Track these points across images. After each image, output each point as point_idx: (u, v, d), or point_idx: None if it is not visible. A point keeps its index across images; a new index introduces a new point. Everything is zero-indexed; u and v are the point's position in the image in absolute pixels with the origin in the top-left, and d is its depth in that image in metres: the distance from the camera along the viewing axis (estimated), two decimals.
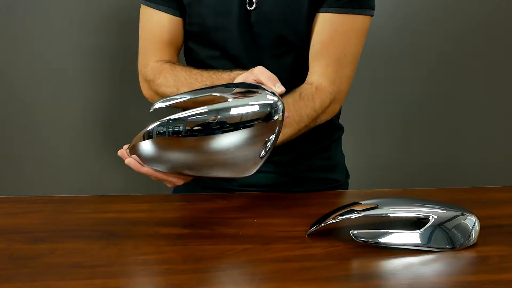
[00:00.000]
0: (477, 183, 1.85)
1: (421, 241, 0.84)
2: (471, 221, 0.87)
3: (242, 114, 0.84)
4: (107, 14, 1.70)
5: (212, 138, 0.84)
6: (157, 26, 1.12)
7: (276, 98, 0.86)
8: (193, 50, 1.15)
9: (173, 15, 1.11)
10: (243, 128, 0.84)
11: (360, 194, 1.16)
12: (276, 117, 0.86)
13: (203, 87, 1.00)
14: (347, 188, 1.26)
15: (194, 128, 0.83)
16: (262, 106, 0.85)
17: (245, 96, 0.86)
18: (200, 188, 1.19)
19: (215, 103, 0.85)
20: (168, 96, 0.92)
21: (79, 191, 1.76)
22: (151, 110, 0.89)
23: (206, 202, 1.06)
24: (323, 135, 1.18)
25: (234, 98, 0.85)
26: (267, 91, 0.86)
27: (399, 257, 0.82)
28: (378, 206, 0.90)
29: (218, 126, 0.83)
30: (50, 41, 1.71)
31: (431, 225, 0.84)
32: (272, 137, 0.87)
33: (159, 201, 1.04)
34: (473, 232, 0.86)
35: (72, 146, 1.79)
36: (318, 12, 1.06)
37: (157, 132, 0.84)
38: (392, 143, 1.97)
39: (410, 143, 1.96)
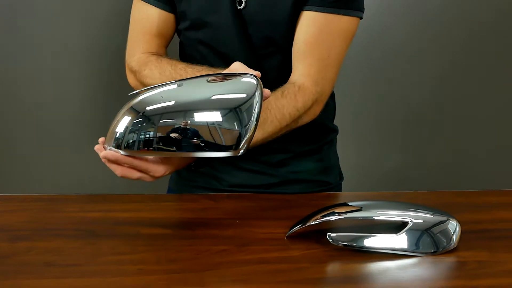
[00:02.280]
0: (475, 187, 1.83)
1: (398, 245, 0.83)
2: (453, 226, 0.85)
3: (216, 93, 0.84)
4: (108, 15, 1.71)
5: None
6: (146, 19, 1.13)
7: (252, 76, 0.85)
8: (185, 47, 1.16)
9: (163, 9, 1.12)
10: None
11: (350, 196, 1.15)
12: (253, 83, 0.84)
13: None
14: (340, 190, 1.25)
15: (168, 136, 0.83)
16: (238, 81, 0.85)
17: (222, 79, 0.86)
18: (191, 188, 1.19)
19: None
20: None
21: (76, 190, 1.78)
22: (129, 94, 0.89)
23: (193, 202, 1.06)
24: (315, 137, 1.18)
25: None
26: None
27: (376, 261, 0.81)
28: (362, 209, 0.89)
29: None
30: (50, 41, 1.73)
31: (409, 229, 0.83)
32: (252, 106, 0.84)
33: (147, 201, 1.04)
34: (454, 237, 0.85)
35: (68, 145, 1.81)
36: (303, 11, 1.05)
37: (127, 143, 0.85)
38: (390, 145, 1.96)
39: (409, 145, 1.95)
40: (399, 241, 0.83)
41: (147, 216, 0.96)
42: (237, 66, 0.89)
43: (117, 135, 0.85)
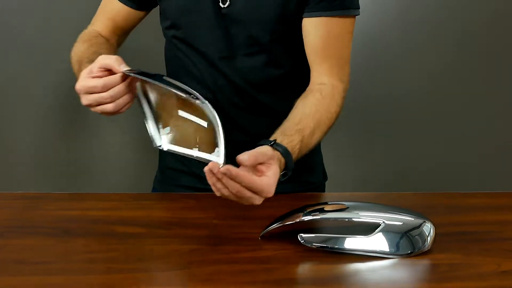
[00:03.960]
0: (464, 188, 1.82)
1: (370, 247, 0.82)
2: (427, 228, 0.85)
3: None
4: None
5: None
6: (111, 8, 1.17)
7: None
8: (168, 45, 1.16)
9: (130, 6, 1.15)
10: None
11: (330, 197, 1.15)
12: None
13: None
14: (323, 190, 1.25)
15: None
16: None
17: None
18: (175, 187, 1.19)
19: None
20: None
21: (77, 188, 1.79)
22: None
23: (174, 201, 1.07)
24: None
25: None
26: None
27: (347, 262, 0.81)
28: (337, 210, 0.89)
29: None
30: (48, 42, 1.75)
31: (382, 231, 0.83)
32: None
33: (127, 200, 1.05)
34: (428, 239, 0.84)
35: (69, 144, 1.82)
36: (308, 17, 1.07)
37: None
38: (377, 145, 1.95)
39: (395, 145, 1.95)
40: (371, 242, 0.82)
41: (124, 215, 0.97)
42: (105, 56, 0.90)
43: None
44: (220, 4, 1.06)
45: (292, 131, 0.97)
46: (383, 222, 0.83)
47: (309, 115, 1.01)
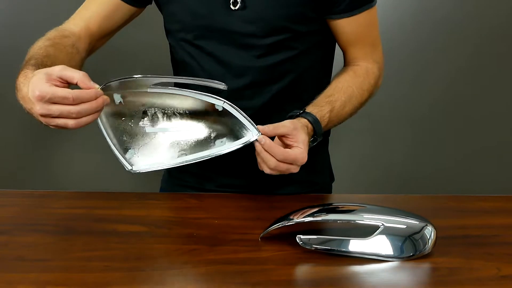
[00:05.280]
0: (487, 192, 1.79)
1: (368, 249, 0.82)
2: (428, 231, 0.84)
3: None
4: None
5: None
6: (96, 5, 1.13)
7: None
8: (174, 48, 1.15)
9: (125, 2, 1.13)
10: None
11: (335, 198, 1.15)
12: None
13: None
14: (330, 192, 1.24)
15: None
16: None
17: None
18: (181, 188, 1.20)
19: None
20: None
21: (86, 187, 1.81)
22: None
23: (178, 201, 1.07)
24: None
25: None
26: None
27: (344, 265, 0.80)
28: (338, 211, 0.88)
29: None
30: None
31: (381, 234, 0.82)
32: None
33: (132, 199, 1.05)
34: (429, 242, 0.83)
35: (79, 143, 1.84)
36: (340, 18, 1.09)
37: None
38: (385, 146, 1.93)
39: (404, 146, 1.92)
40: (370, 245, 0.82)
41: (127, 214, 0.98)
42: (64, 70, 0.85)
43: None
44: (231, 6, 1.06)
45: (323, 102, 1.05)
46: (382, 224, 0.82)
47: (341, 89, 1.08)
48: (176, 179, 1.22)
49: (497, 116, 1.96)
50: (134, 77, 0.90)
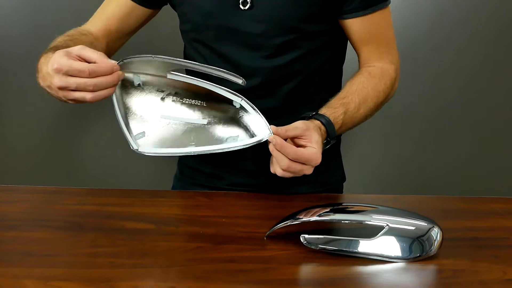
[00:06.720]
0: (503, 194, 1.76)
1: (373, 250, 0.81)
2: (434, 233, 0.83)
3: None
4: None
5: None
6: (113, 6, 1.15)
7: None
8: (187, 48, 1.17)
9: (139, 4, 1.14)
10: None
11: (345, 198, 1.15)
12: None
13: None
14: (341, 192, 1.23)
15: None
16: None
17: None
18: (192, 186, 1.21)
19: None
20: None
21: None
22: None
23: (187, 199, 1.08)
24: None
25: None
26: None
27: (348, 265, 0.80)
28: (344, 211, 0.89)
29: None
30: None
31: (386, 235, 0.82)
32: None
33: (142, 196, 1.06)
34: (434, 244, 0.82)
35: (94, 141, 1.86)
36: (353, 18, 1.09)
37: None
38: (397, 146, 1.91)
39: (416, 147, 1.91)
40: (375, 246, 0.81)
41: (136, 211, 0.98)
42: (83, 49, 0.88)
43: None
44: (240, 6, 1.06)
45: (337, 104, 1.04)
46: (387, 225, 0.82)
47: (355, 91, 1.07)
48: (187, 177, 1.23)
49: None
50: (151, 56, 0.90)
